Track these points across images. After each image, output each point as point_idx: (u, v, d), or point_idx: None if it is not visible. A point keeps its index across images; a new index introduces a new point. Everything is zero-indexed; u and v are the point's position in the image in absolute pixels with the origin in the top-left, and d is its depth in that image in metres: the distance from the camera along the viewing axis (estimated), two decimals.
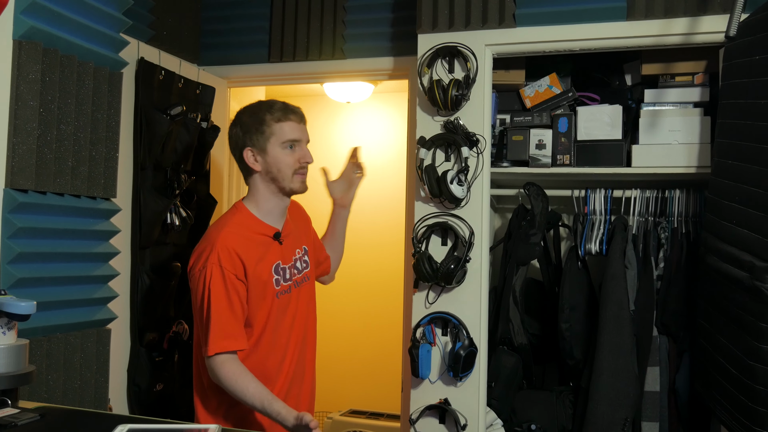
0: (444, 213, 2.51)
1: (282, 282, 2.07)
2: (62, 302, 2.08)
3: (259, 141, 2.04)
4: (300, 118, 2.09)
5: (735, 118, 2.13)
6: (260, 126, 2.03)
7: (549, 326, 2.77)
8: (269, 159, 2.04)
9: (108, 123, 2.26)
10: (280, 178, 2.05)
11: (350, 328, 5.02)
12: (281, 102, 2.09)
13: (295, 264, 2.15)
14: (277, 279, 2.05)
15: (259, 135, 2.03)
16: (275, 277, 2.04)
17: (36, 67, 1.94)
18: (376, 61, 3.06)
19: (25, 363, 1.48)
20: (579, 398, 2.60)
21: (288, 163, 2.04)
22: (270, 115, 2.04)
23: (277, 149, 2.04)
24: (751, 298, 1.91)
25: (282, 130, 2.04)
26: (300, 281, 2.16)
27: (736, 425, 2.04)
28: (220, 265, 1.92)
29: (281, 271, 2.08)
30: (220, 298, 1.92)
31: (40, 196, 1.99)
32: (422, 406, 2.50)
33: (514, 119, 2.76)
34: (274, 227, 2.09)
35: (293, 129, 2.06)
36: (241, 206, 2.11)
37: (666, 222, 2.64)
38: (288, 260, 2.10)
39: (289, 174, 2.05)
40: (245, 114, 2.09)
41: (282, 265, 2.08)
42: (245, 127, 2.06)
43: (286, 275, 2.09)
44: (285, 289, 2.08)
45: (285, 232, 2.12)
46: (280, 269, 2.07)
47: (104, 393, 2.27)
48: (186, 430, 1.31)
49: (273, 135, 2.03)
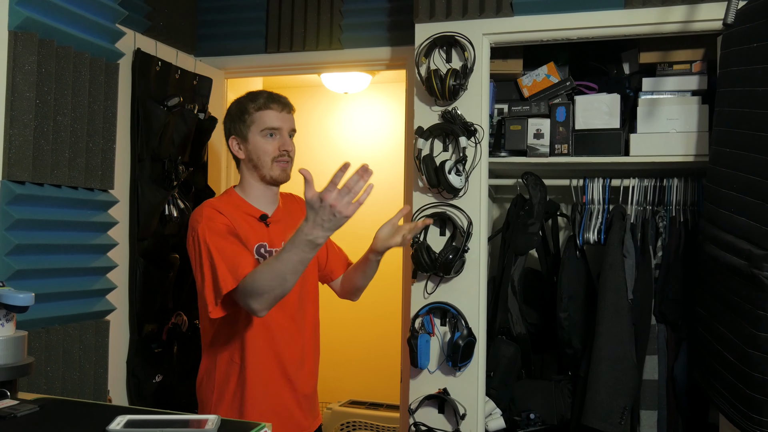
0: (442, 203, 2.51)
1: None
2: (60, 294, 2.08)
3: (241, 129, 2.07)
4: (282, 106, 2.09)
5: (733, 106, 2.12)
6: (242, 114, 2.07)
7: (547, 316, 2.78)
8: (250, 147, 2.07)
9: (105, 114, 2.25)
10: (260, 166, 2.07)
11: (349, 319, 5.02)
12: (267, 92, 2.11)
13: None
14: (259, 260, 1.99)
15: (242, 123, 2.07)
16: (257, 257, 2.01)
17: (32, 58, 1.93)
18: (373, 51, 3.05)
19: (24, 354, 1.48)
20: (578, 387, 2.61)
21: (267, 151, 2.06)
22: (252, 103, 2.07)
23: (257, 137, 2.06)
24: (749, 286, 1.91)
25: (262, 118, 2.06)
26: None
27: (733, 413, 2.05)
28: (212, 219, 1.94)
29: (266, 254, 2.05)
30: (219, 241, 1.90)
31: (37, 188, 1.99)
32: (421, 396, 2.51)
33: (511, 109, 2.75)
34: (262, 210, 2.10)
35: (273, 117, 2.07)
36: (231, 191, 2.15)
37: (664, 211, 2.64)
38: (276, 244, 2.08)
39: (269, 161, 2.06)
40: (233, 104, 2.14)
41: (268, 248, 2.07)
42: (231, 116, 2.11)
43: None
44: None
45: (275, 218, 2.12)
46: (264, 251, 2.05)
47: (103, 384, 2.27)
48: (185, 420, 1.31)
49: (253, 123, 2.06)
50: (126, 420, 1.25)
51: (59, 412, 1.40)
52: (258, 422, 1.34)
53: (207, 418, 1.28)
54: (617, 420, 2.44)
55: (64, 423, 1.32)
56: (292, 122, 2.13)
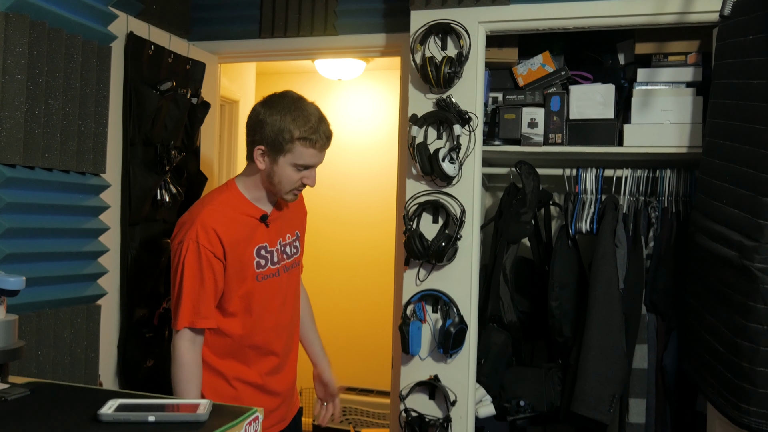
0: (435, 191, 2.51)
1: (269, 265, 2.05)
2: (52, 278, 2.08)
3: (274, 149, 1.92)
4: (325, 145, 1.96)
5: (727, 98, 2.13)
6: (283, 140, 1.90)
7: (539, 304, 2.79)
8: (276, 169, 1.94)
9: (97, 98, 2.23)
10: (277, 188, 1.99)
11: (340, 305, 5.04)
12: (317, 119, 1.93)
13: (284, 249, 2.12)
14: (259, 262, 2.02)
15: (279, 145, 1.91)
16: (257, 259, 2.01)
17: (23, 40, 1.91)
18: (368, 38, 3.03)
19: (15, 338, 1.47)
20: (567, 375, 2.62)
21: (291, 181, 1.96)
22: (299, 131, 1.90)
23: (287, 166, 1.94)
24: (739, 277, 1.92)
25: (302, 154, 1.92)
26: (290, 266, 2.14)
27: (721, 401, 2.07)
28: (197, 242, 1.90)
29: (267, 255, 2.05)
30: (193, 274, 1.91)
31: (28, 171, 1.98)
32: (412, 383, 2.52)
33: (506, 97, 2.75)
34: (262, 210, 2.05)
35: (312, 156, 1.94)
36: (233, 185, 2.07)
37: (656, 201, 2.65)
38: (274, 243, 2.08)
39: (287, 189, 1.98)
40: (278, 114, 1.91)
41: (269, 248, 2.06)
42: (269, 128, 1.91)
43: (274, 258, 2.07)
44: (272, 272, 2.06)
45: (273, 216, 2.08)
46: (265, 252, 2.05)
47: (94, 369, 2.27)
48: (177, 404, 1.31)
49: (291, 153, 1.92)
50: (118, 404, 1.25)
51: (50, 395, 1.39)
52: (250, 407, 1.34)
53: (199, 402, 1.28)
54: (606, 408, 2.46)
55: (56, 407, 1.32)
56: (323, 158, 2.01)
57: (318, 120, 1.93)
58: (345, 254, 5.09)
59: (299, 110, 1.92)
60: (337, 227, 5.08)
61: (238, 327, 2.02)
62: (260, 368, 2.07)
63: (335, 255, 5.06)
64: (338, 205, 5.09)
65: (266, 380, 2.07)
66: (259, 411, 1.35)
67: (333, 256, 5.05)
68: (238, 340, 2.02)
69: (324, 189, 5.05)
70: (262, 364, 2.07)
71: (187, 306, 1.91)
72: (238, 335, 2.02)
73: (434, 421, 2.45)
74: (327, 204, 5.03)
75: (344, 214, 5.09)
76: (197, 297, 1.92)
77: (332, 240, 5.02)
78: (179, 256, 1.93)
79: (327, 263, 5.00)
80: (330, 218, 5.02)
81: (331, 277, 5.01)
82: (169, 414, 1.25)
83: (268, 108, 1.94)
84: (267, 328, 2.06)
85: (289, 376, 2.18)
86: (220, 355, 2.02)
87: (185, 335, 1.93)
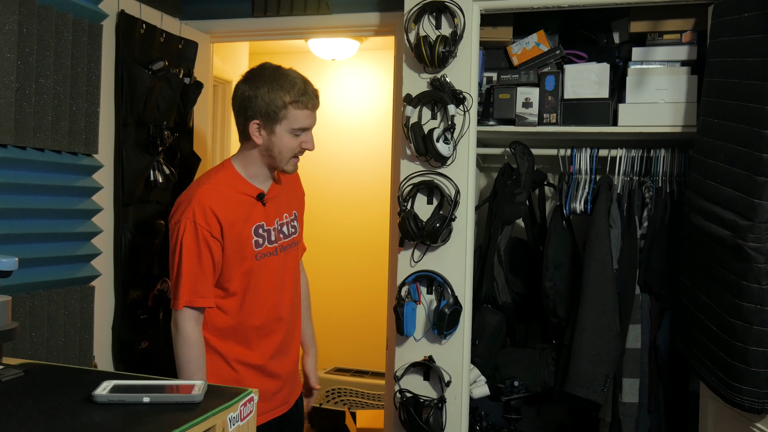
0: (430, 171, 2.50)
1: (266, 244, 2.04)
2: (45, 259, 2.07)
3: (269, 120, 1.96)
4: (316, 104, 2.01)
5: (722, 77, 2.12)
6: (276, 108, 1.94)
7: (533, 285, 2.80)
8: (274, 139, 1.98)
9: (88, 77, 2.21)
10: (278, 159, 2.00)
11: (335, 287, 5.04)
12: (301, 80, 1.98)
13: (281, 228, 2.11)
14: (258, 240, 2.02)
15: (273, 115, 1.95)
16: (255, 238, 2.01)
17: (13, 18, 1.89)
18: (362, 17, 3.01)
19: (8, 319, 1.47)
20: (561, 355, 2.64)
21: (291, 148, 1.99)
22: (288, 97, 1.94)
23: (285, 134, 1.97)
24: (733, 257, 1.93)
25: (296, 117, 1.96)
26: (287, 245, 2.13)
27: (714, 380, 2.08)
28: (194, 221, 1.90)
29: (264, 233, 2.05)
30: (191, 253, 1.91)
31: (19, 151, 1.96)
32: (407, 363, 2.52)
33: (501, 77, 2.73)
34: (259, 188, 2.05)
35: (307, 117, 1.99)
36: (229, 164, 2.06)
37: (650, 181, 2.65)
38: (271, 222, 2.07)
39: (288, 157, 2.01)
40: (264, 85, 1.96)
41: (266, 227, 2.05)
42: (258, 103, 1.95)
43: (271, 237, 2.06)
44: (270, 251, 2.05)
45: (270, 195, 2.08)
46: (263, 231, 2.04)
47: (89, 350, 2.27)
48: (172, 385, 1.31)
49: (286, 119, 1.96)
50: (112, 385, 1.25)
51: (45, 377, 1.39)
52: (244, 388, 1.34)
53: (194, 383, 1.28)
54: (600, 387, 2.47)
55: (50, 388, 1.32)
56: (316, 117, 2.05)
57: (303, 82, 1.99)
58: (339, 235, 5.09)
59: (283, 77, 1.97)
60: (332, 208, 5.07)
61: (238, 307, 2.01)
62: (261, 350, 2.06)
63: (329, 236, 5.06)
64: (332, 186, 5.08)
65: (268, 362, 2.06)
66: (254, 392, 1.35)
67: (327, 237, 5.04)
68: (237, 320, 2.02)
69: (318, 170, 5.06)
70: (264, 346, 2.06)
71: (186, 285, 1.91)
72: (237, 315, 2.01)
73: (429, 401, 2.46)
74: (321, 185, 5.02)
75: (338, 195, 5.08)
76: (195, 276, 1.92)
77: (326, 221, 5.01)
78: (177, 236, 1.92)
79: (321, 244, 4.99)
80: (324, 199, 5.01)
81: (326, 258, 5.01)
82: (164, 395, 1.25)
83: (251, 83, 1.98)
84: (266, 308, 2.06)
85: (292, 359, 2.17)
86: (220, 337, 2.01)
87: (188, 314, 1.92)
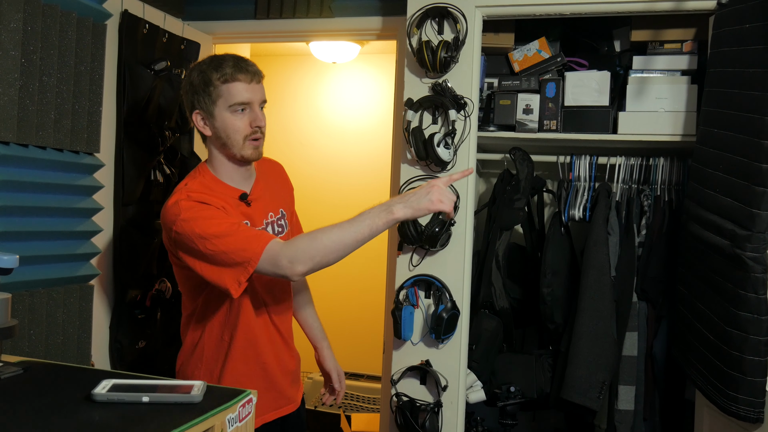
0: (430, 176, 2.51)
1: None
2: (45, 257, 2.07)
3: (206, 103, 1.85)
4: (252, 76, 1.86)
5: (722, 87, 2.13)
6: (206, 87, 1.83)
7: (530, 290, 2.80)
8: (217, 124, 1.85)
9: (91, 76, 2.22)
10: (230, 145, 1.87)
11: (332, 289, 5.04)
12: (232, 57, 1.86)
13: (267, 228, 2.01)
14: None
15: (206, 97, 1.84)
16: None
17: (17, 15, 1.89)
18: (364, 21, 3.02)
19: (8, 317, 1.47)
20: (558, 361, 2.64)
21: (237, 128, 1.85)
22: (217, 74, 1.82)
23: (225, 113, 1.84)
24: (731, 266, 1.93)
25: (229, 92, 1.83)
26: None
27: (710, 389, 2.09)
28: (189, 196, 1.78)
29: None
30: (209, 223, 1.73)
31: (22, 149, 1.97)
32: (404, 367, 2.52)
33: (502, 83, 2.74)
34: (240, 189, 1.95)
35: (242, 90, 1.84)
36: (204, 168, 1.95)
37: (649, 190, 2.66)
38: (258, 223, 1.97)
39: (240, 140, 1.86)
40: (194, 72, 1.87)
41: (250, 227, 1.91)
42: (193, 88, 1.86)
43: None
44: None
45: (255, 195, 1.98)
46: None
47: (87, 349, 2.27)
48: (171, 385, 1.31)
49: (220, 97, 1.83)
50: (111, 384, 1.26)
51: (44, 375, 1.39)
52: (243, 389, 1.35)
53: (193, 383, 1.28)
54: (596, 395, 2.48)
55: (49, 386, 1.32)
56: (263, 92, 1.91)
57: (234, 59, 1.87)
58: None
59: (214, 60, 1.87)
60: (331, 212, 5.03)
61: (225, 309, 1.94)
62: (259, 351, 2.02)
63: None
64: (331, 189, 5.09)
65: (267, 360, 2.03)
66: (253, 393, 1.36)
67: None
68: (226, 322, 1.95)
69: (317, 173, 5.07)
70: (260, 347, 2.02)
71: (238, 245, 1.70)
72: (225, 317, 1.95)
73: (425, 405, 2.46)
74: (320, 188, 5.03)
75: (338, 199, 5.08)
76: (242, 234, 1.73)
77: (325, 224, 5.00)
78: (186, 237, 1.75)
79: None
80: (323, 202, 5.01)
81: None
82: (163, 395, 1.25)
83: (187, 76, 1.90)
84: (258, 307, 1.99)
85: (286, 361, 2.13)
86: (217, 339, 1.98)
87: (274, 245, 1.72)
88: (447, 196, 1.73)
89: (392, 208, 1.73)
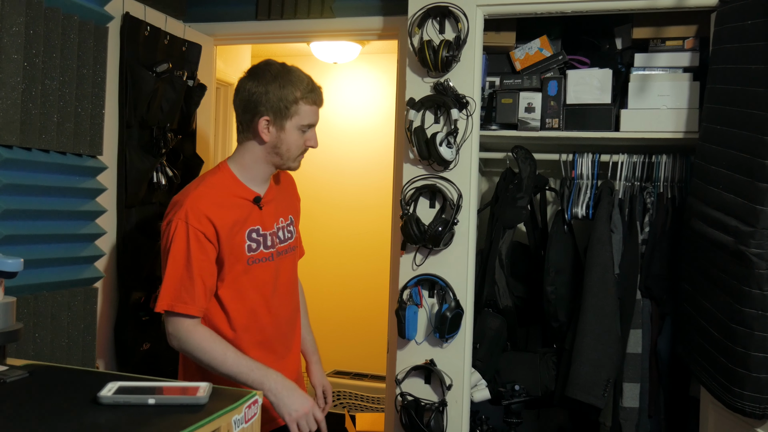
0: (432, 175, 2.51)
1: (261, 249, 1.99)
2: (49, 260, 2.07)
3: (280, 116, 1.93)
4: (322, 101, 2.02)
5: (724, 83, 2.13)
6: (288, 103, 1.93)
7: (534, 289, 2.80)
8: (283, 136, 1.95)
9: (94, 79, 2.22)
10: (285, 157, 1.98)
11: (336, 289, 5.05)
12: (308, 78, 1.99)
13: (278, 233, 2.06)
14: (251, 245, 1.96)
15: (284, 110, 1.93)
16: (248, 242, 1.96)
17: (20, 19, 1.90)
18: (365, 21, 3.02)
19: (13, 320, 1.47)
20: (562, 359, 2.64)
21: (299, 146, 1.98)
22: (299, 93, 1.93)
23: (295, 130, 1.96)
24: (735, 263, 1.93)
25: (307, 113, 1.96)
26: (283, 251, 2.08)
27: (715, 385, 2.09)
28: (187, 221, 1.84)
29: (260, 238, 1.99)
30: (180, 255, 1.84)
31: (25, 152, 1.97)
32: (408, 367, 2.53)
33: (503, 82, 2.74)
34: (255, 192, 2.00)
35: (315, 113, 1.99)
36: (225, 167, 2.02)
37: (652, 187, 2.65)
38: (269, 227, 2.02)
39: (295, 155, 1.99)
40: (274, 81, 1.94)
41: (262, 231, 2.00)
42: (269, 98, 1.92)
43: (267, 242, 2.01)
44: (265, 256, 2.00)
45: (267, 198, 2.04)
46: (257, 235, 1.99)
47: (92, 351, 2.27)
48: (179, 387, 1.31)
49: (296, 115, 1.94)
50: (117, 386, 1.26)
51: (49, 378, 1.40)
52: (249, 390, 1.35)
53: (199, 385, 1.28)
54: (600, 392, 2.48)
55: (55, 389, 1.32)
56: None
57: (309, 78, 1.99)
58: (341, 239, 5.09)
59: (291, 74, 1.96)
60: (334, 212, 5.07)
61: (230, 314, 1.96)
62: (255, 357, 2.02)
63: (331, 239, 5.06)
64: (334, 189, 5.09)
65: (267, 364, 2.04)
66: (259, 395, 1.36)
67: (329, 240, 5.05)
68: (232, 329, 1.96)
69: (320, 173, 5.07)
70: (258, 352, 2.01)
71: (169, 288, 1.83)
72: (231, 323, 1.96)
73: (430, 405, 2.46)
74: (323, 188, 5.03)
75: (340, 199, 5.08)
76: (180, 280, 1.83)
77: (328, 224, 5.02)
78: (167, 237, 1.86)
79: (323, 248, 5.00)
80: (326, 203, 5.02)
81: (327, 261, 5.02)
82: (169, 397, 1.25)
83: (259, 79, 1.94)
84: (261, 314, 2.01)
85: (290, 365, 2.12)
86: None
87: (170, 319, 1.86)
88: (305, 425, 1.84)
89: (266, 384, 1.83)
